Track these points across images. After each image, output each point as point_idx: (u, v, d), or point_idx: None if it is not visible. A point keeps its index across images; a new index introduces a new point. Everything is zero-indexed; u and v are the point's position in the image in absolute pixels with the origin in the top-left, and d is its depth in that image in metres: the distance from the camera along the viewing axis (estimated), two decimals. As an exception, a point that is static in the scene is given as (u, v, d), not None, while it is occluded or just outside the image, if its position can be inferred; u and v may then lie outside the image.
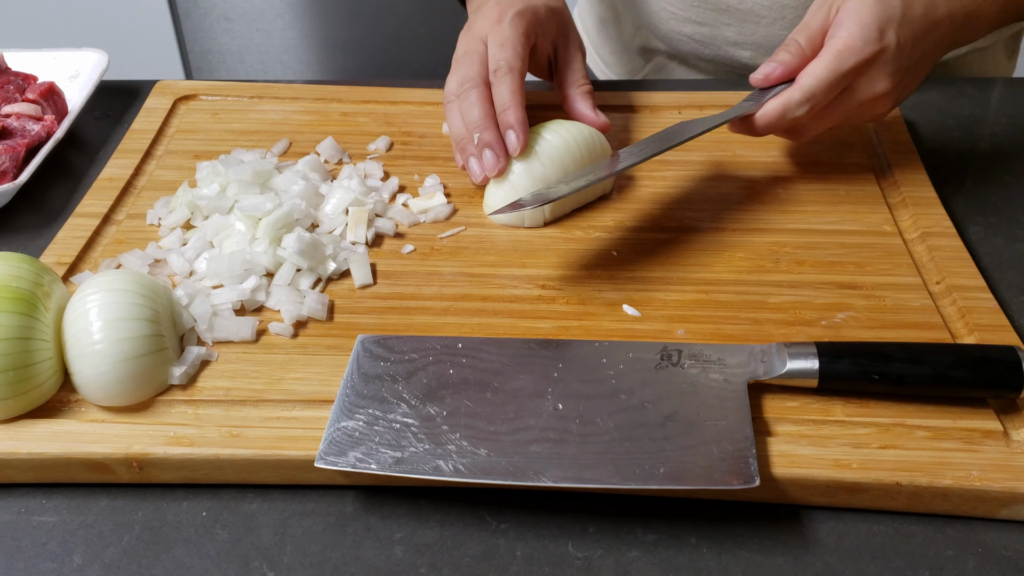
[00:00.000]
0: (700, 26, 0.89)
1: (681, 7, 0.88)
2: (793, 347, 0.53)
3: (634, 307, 0.60)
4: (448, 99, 0.71)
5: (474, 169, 0.68)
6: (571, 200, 0.68)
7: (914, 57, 0.64)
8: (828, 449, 0.50)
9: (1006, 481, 0.48)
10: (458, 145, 0.69)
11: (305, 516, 0.50)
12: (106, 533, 0.49)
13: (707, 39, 0.89)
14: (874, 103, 0.66)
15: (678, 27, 0.90)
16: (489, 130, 0.67)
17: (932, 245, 0.65)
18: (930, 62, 0.67)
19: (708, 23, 0.88)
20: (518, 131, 0.66)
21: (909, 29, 0.63)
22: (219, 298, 0.59)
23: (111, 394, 0.52)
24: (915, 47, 0.64)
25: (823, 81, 0.63)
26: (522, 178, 0.66)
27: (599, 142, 0.69)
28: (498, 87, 0.68)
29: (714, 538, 0.48)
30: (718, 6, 0.86)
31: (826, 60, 0.63)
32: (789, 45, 0.66)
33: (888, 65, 0.63)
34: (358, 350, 0.55)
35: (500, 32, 0.70)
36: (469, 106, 0.68)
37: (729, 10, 0.86)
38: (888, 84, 0.64)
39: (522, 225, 0.68)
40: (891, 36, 0.62)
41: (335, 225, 0.67)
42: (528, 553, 0.48)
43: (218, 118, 0.80)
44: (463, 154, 0.69)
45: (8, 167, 0.71)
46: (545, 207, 0.67)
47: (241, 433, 0.51)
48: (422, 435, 0.49)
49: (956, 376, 0.52)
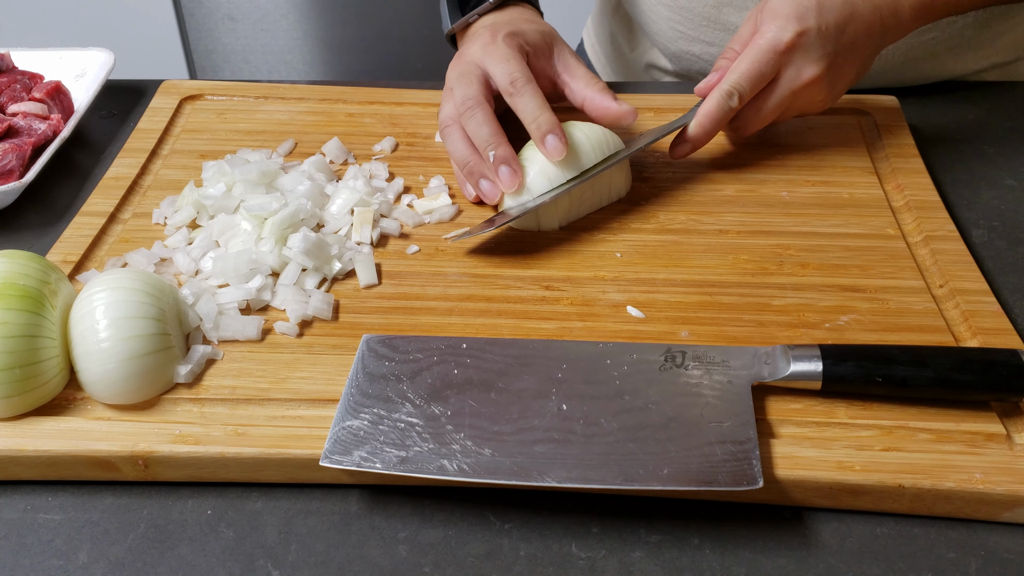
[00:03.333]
0: (708, 46, 0.89)
1: (689, 26, 0.89)
2: (797, 349, 0.53)
3: (638, 308, 0.60)
4: (445, 123, 0.69)
5: (487, 190, 0.67)
6: (586, 204, 0.69)
7: (841, 43, 0.68)
8: (831, 451, 0.50)
9: (1009, 484, 0.48)
10: (465, 168, 0.67)
11: (310, 515, 0.50)
12: (111, 531, 0.49)
13: (714, 58, 0.89)
14: (807, 91, 0.69)
15: (686, 46, 0.91)
16: (503, 145, 0.66)
17: (935, 248, 0.65)
18: (864, 52, 0.70)
19: (716, 43, 0.88)
20: (559, 133, 0.65)
21: (829, 15, 0.67)
22: (225, 297, 0.59)
23: (117, 392, 0.52)
24: (840, 33, 0.68)
25: (746, 72, 0.68)
26: (538, 180, 0.66)
27: (612, 142, 0.69)
28: (522, 97, 0.67)
29: (717, 539, 0.49)
30: (726, 26, 0.87)
31: (747, 52, 0.68)
32: (726, 52, 0.71)
33: (811, 50, 0.67)
34: (363, 350, 0.55)
35: (497, 51, 0.69)
36: (476, 125, 0.67)
37: (736, 30, 0.86)
38: (816, 69, 0.68)
39: (537, 228, 0.68)
40: (810, 22, 0.67)
41: (340, 225, 0.67)
42: (532, 553, 0.48)
43: (224, 118, 0.80)
44: (472, 176, 0.67)
45: (15, 166, 0.71)
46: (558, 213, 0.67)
47: (246, 432, 0.52)
48: (426, 435, 0.50)
49: (959, 379, 0.52)
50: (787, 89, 0.69)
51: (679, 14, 0.89)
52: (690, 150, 0.71)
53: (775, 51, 0.67)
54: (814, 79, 0.68)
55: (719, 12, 0.86)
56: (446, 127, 0.69)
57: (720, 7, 0.86)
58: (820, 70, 0.68)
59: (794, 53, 0.68)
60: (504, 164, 0.65)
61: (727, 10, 0.86)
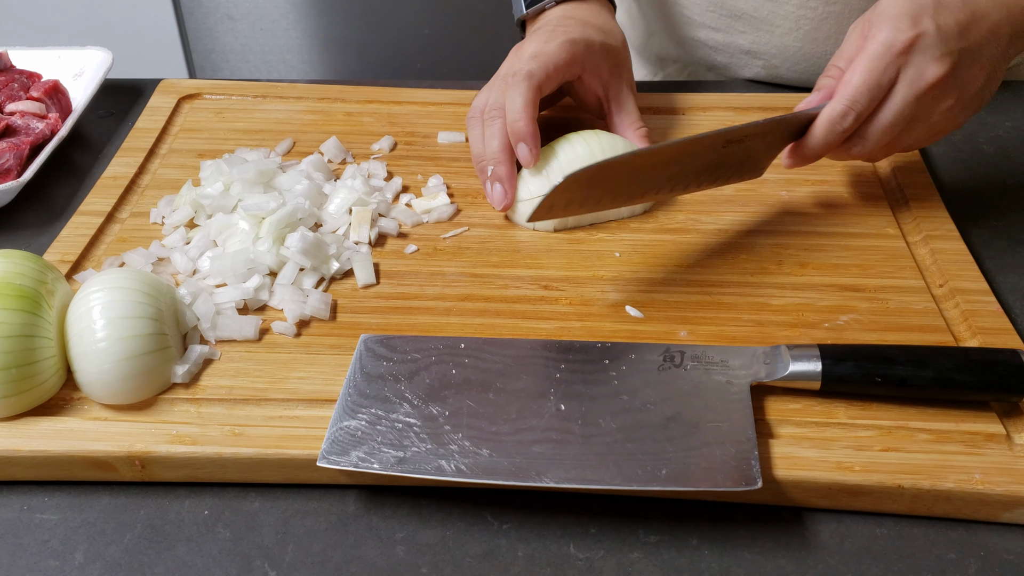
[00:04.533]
0: (715, 32, 0.89)
1: (697, 11, 0.89)
2: (796, 349, 0.53)
3: (637, 308, 0.60)
4: (472, 113, 0.71)
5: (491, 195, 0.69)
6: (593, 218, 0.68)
7: (966, 43, 0.60)
8: (830, 451, 0.50)
9: (1008, 484, 0.48)
10: (477, 165, 0.70)
11: (307, 515, 0.50)
12: (108, 531, 0.49)
13: (720, 45, 0.89)
14: (933, 96, 0.61)
15: (692, 32, 0.90)
16: (504, 164, 0.67)
17: (935, 248, 0.65)
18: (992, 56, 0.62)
19: (723, 29, 0.88)
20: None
21: (948, 14, 0.60)
22: (222, 297, 0.59)
23: (114, 392, 0.52)
24: (963, 34, 0.60)
25: (862, 84, 0.60)
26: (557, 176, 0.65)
27: None
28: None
29: (716, 540, 0.48)
30: (734, 12, 0.86)
31: (859, 60, 0.61)
32: (829, 70, 0.64)
33: (931, 50, 0.59)
34: (361, 350, 0.55)
35: (543, 49, 0.69)
36: (491, 135, 0.68)
37: (744, 17, 0.86)
38: (939, 68, 0.59)
39: (549, 230, 0.67)
40: (927, 23, 0.59)
41: (338, 225, 0.67)
42: (530, 554, 0.48)
43: (222, 117, 0.80)
44: (481, 174, 0.69)
45: (12, 165, 0.71)
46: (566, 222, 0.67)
47: (244, 432, 0.51)
48: (424, 435, 0.49)
49: (959, 379, 0.52)
50: (910, 94, 0.60)
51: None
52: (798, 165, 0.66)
53: (891, 53, 0.59)
54: (939, 79, 0.59)
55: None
56: (472, 118, 0.71)
57: None
58: (944, 68, 0.59)
59: (913, 53, 0.59)
60: (498, 183, 0.67)
61: None
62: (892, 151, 0.65)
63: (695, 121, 0.79)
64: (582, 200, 0.60)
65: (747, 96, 0.82)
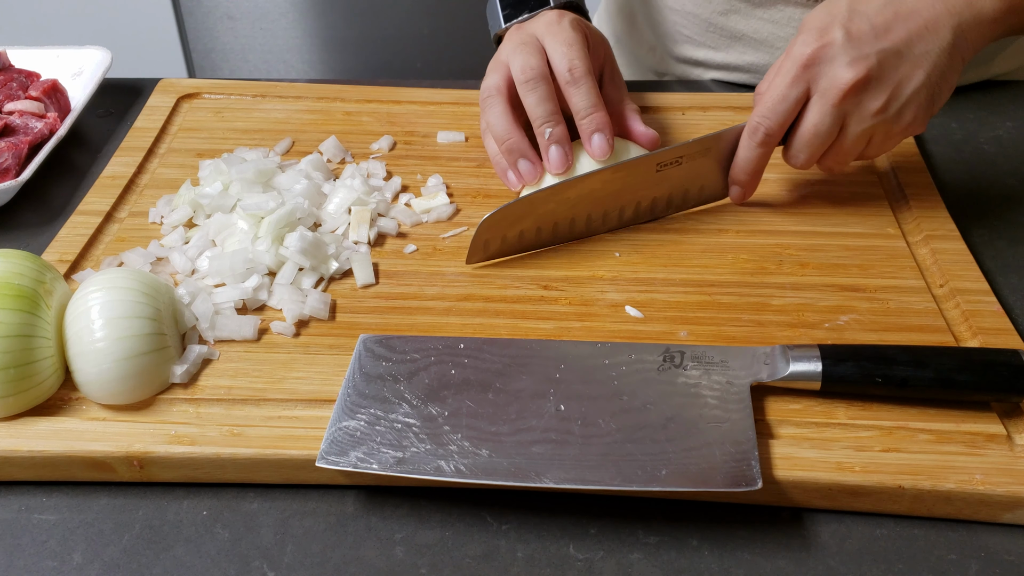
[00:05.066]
0: (714, 51, 0.89)
1: (696, 31, 0.89)
2: (796, 350, 0.53)
3: (637, 308, 0.60)
4: (489, 93, 0.68)
5: (526, 171, 0.66)
6: None
7: (887, 44, 0.60)
8: (830, 452, 0.50)
9: (1009, 485, 0.48)
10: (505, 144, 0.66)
11: (306, 516, 0.50)
12: (106, 532, 0.49)
13: (720, 64, 0.89)
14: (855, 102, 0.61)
15: (692, 51, 0.90)
16: (562, 124, 0.65)
17: (935, 248, 0.64)
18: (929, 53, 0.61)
19: (722, 48, 0.88)
20: (608, 134, 0.65)
21: (862, 20, 0.60)
22: (221, 297, 0.59)
23: (112, 392, 0.52)
24: (881, 35, 0.60)
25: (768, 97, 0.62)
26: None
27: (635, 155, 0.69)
28: (578, 88, 0.65)
29: (716, 540, 0.48)
30: (733, 33, 0.86)
31: (772, 76, 0.63)
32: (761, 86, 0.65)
33: (840, 56, 0.60)
34: (360, 350, 0.55)
35: (563, 33, 0.67)
36: (537, 99, 0.65)
37: (744, 38, 0.86)
38: (851, 74, 0.60)
39: None
40: (835, 32, 0.60)
41: (337, 224, 0.67)
42: (529, 554, 0.48)
43: (221, 116, 0.80)
44: (511, 154, 0.66)
45: (11, 164, 0.71)
46: None
47: (242, 432, 0.51)
48: (424, 435, 0.49)
49: (959, 380, 0.52)
50: (827, 103, 0.61)
51: (686, 19, 0.89)
52: (742, 196, 0.68)
53: (797, 66, 0.61)
54: (854, 84, 0.60)
55: (726, 19, 0.86)
56: (489, 96, 0.68)
57: (727, 14, 0.86)
58: (858, 72, 0.60)
59: (820, 64, 0.60)
60: (558, 144, 0.65)
61: (734, 17, 0.85)
62: (849, 159, 0.65)
63: (695, 121, 0.79)
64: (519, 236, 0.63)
65: (747, 96, 0.82)
